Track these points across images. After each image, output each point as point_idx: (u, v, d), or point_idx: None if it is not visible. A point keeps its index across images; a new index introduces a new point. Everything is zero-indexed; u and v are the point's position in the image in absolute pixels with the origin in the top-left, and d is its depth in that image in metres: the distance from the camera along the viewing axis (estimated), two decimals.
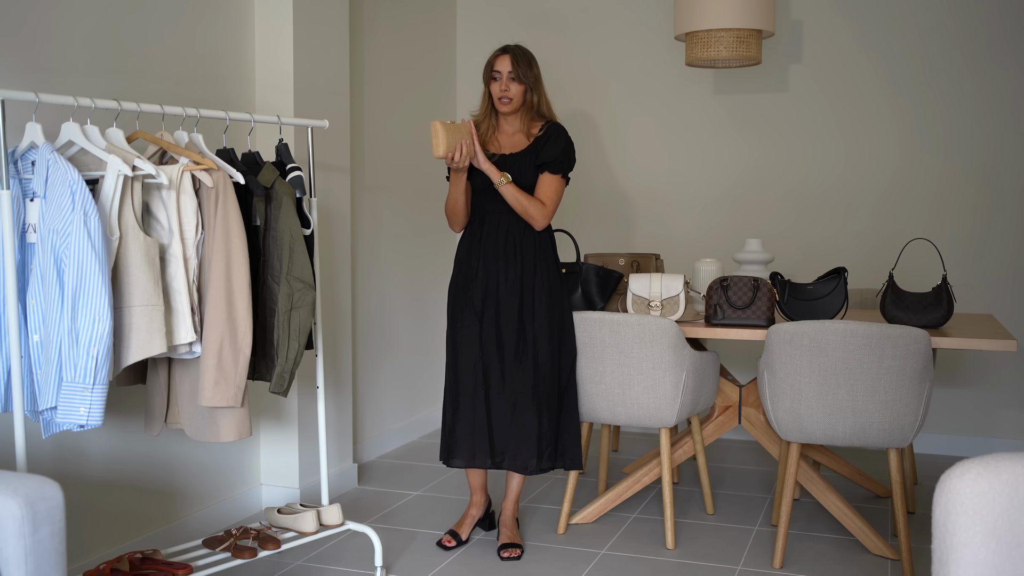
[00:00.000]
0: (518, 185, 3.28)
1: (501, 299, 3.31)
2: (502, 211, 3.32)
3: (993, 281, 4.57)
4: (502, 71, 3.27)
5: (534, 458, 3.31)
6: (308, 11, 3.81)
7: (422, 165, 4.92)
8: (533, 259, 3.32)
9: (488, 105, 3.36)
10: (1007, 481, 1.78)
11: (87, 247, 2.39)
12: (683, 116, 5.02)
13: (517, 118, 3.35)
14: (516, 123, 3.35)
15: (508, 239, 3.32)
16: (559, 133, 3.34)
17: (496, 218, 3.33)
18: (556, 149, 3.30)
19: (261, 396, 3.74)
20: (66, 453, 2.97)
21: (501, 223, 3.33)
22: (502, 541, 3.39)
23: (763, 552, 3.41)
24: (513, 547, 3.36)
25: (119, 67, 3.14)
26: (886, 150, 4.71)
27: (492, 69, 3.29)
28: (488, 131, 3.36)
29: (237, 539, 2.93)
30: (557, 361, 3.35)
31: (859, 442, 3.21)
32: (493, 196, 3.31)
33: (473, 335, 3.33)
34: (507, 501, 3.48)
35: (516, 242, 3.32)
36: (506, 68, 3.27)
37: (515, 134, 3.36)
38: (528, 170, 3.30)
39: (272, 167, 2.93)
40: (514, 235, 3.32)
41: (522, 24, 5.22)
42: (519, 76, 3.27)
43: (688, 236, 5.02)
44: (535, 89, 3.32)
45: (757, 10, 4.06)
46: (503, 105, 3.28)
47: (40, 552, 2.00)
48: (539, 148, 3.31)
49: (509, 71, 3.27)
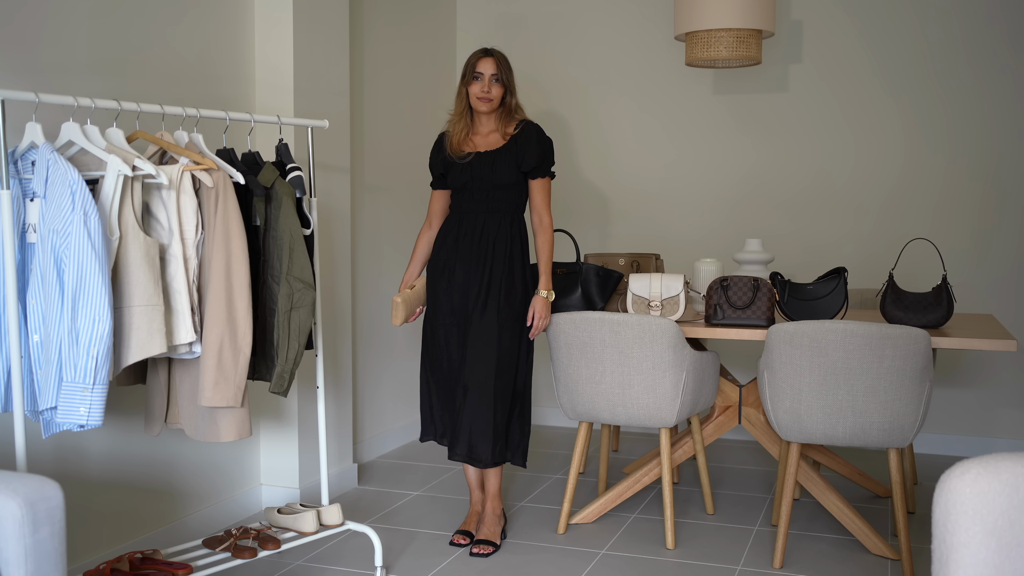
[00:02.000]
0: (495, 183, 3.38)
1: (470, 295, 3.36)
2: (477, 211, 3.41)
3: (993, 281, 4.57)
4: (485, 72, 3.37)
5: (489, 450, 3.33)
6: (308, 11, 3.82)
7: (422, 165, 4.91)
8: (505, 257, 3.38)
9: (465, 104, 3.43)
10: (1007, 481, 1.78)
11: (87, 247, 2.39)
12: (683, 116, 5.02)
13: (492, 118, 3.44)
14: (492, 123, 3.44)
15: (483, 238, 3.38)
16: (535, 132, 3.42)
17: (472, 218, 3.42)
18: (537, 152, 3.39)
19: (261, 396, 3.73)
20: (66, 453, 2.97)
21: (477, 223, 3.40)
22: (477, 536, 3.43)
23: (763, 552, 3.41)
24: (484, 544, 3.39)
25: (119, 67, 3.14)
26: (886, 150, 4.71)
27: (474, 70, 3.39)
28: (463, 131, 3.44)
29: (237, 539, 2.93)
30: (515, 356, 3.39)
31: (859, 442, 3.21)
32: (470, 196, 3.41)
33: (445, 331, 3.41)
34: (486, 497, 3.53)
35: (491, 240, 3.38)
36: (489, 71, 3.37)
37: (490, 134, 3.45)
38: (504, 167, 3.38)
39: (272, 167, 2.93)
40: (489, 234, 3.39)
41: (522, 24, 5.22)
42: (501, 78, 3.38)
43: (688, 236, 5.02)
44: (513, 93, 3.43)
45: (757, 10, 4.06)
46: (483, 104, 3.37)
47: (40, 552, 2.00)
48: (517, 147, 3.38)
49: (493, 73, 3.37)
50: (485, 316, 3.34)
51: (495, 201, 3.40)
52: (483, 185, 3.38)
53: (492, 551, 3.38)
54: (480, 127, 3.46)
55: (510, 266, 3.39)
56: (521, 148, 3.38)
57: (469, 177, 3.39)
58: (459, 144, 3.43)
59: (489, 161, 3.38)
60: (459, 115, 3.45)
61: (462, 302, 3.38)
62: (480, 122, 3.45)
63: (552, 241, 3.44)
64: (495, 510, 3.50)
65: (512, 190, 3.41)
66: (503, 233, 3.39)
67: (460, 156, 3.41)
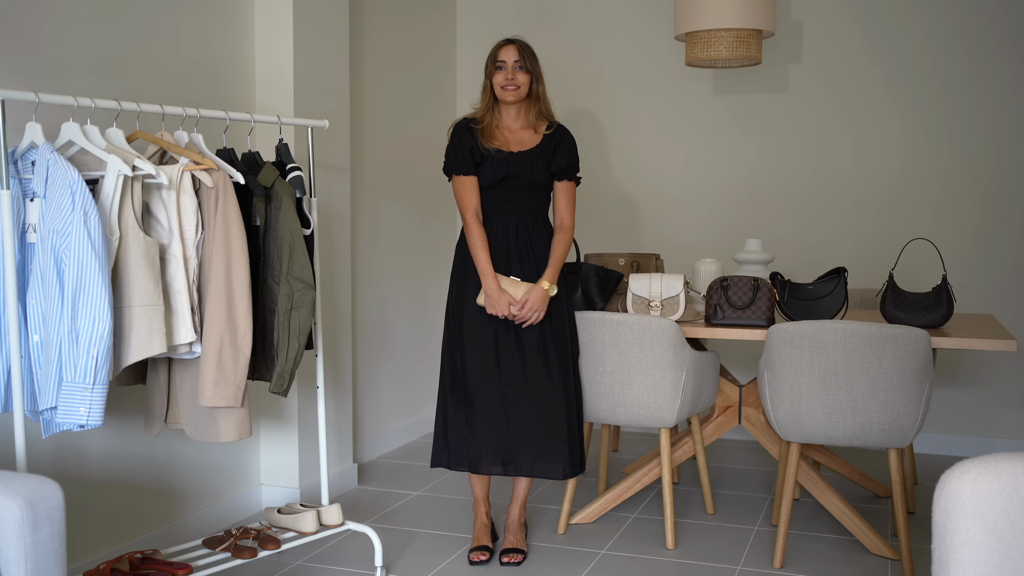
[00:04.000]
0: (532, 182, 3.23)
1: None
2: (508, 210, 3.27)
3: (993, 281, 4.57)
4: (507, 60, 3.23)
5: (564, 463, 3.24)
6: (308, 11, 3.82)
7: (422, 165, 4.92)
8: (545, 258, 3.28)
9: (490, 98, 3.28)
10: (1007, 481, 1.78)
11: (87, 247, 2.39)
12: (683, 116, 5.02)
13: (521, 111, 3.29)
14: (521, 117, 3.30)
15: (519, 238, 3.26)
16: (568, 136, 3.34)
17: (503, 218, 3.27)
18: (568, 156, 3.29)
19: (261, 396, 3.74)
20: (66, 453, 2.97)
21: (509, 223, 3.26)
22: (505, 546, 3.35)
23: (763, 552, 3.41)
24: (515, 552, 3.32)
25: (119, 67, 3.14)
26: (886, 150, 4.71)
27: (496, 60, 3.24)
28: (491, 125, 3.27)
29: (237, 539, 2.93)
30: (570, 362, 3.32)
31: (859, 442, 3.21)
32: (502, 194, 3.26)
33: (488, 339, 3.24)
34: (513, 505, 3.43)
35: (526, 241, 3.26)
36: (512, 58, 3.23)
37: (520, 130, 3.30)
38: (541, 167, 3.25)
39: (272, 167, 2.93)
40: (524, 234, 3.27)
41: (522, 24, 5.22)
42: (525, 66, 3.23)
43: (688, 236, 5.02)
44: (540, 81, 3.28)
45: (757, 10, 4.06)
46: (508, 93, 3.22)
47: (40, 552, 2.00)
48: (551, 149, 3.27)
49: (516, 60, 3.22)
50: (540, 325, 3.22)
51: (526, 201, 3.27)
52: (518, 184, 3.23)
53: (522, 559, 3.31)
54: (508, 120, 3.28)
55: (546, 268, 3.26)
56: (555, 149, 3.26)
57: (506, 174, 3.22)
58: (487, 140, 3.24)
59: (527, 160, 3.23)
60: (486, 109, 3.27)
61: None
62: (509, 114, 3.28)
63: (570, 243, 3.29)
64: (521, 517, 3.43)
65: (543, 191, 3.29)
66: (538, 234, 3.27)
67: (489, 150, 3.24)
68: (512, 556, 3.30)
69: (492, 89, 3.26)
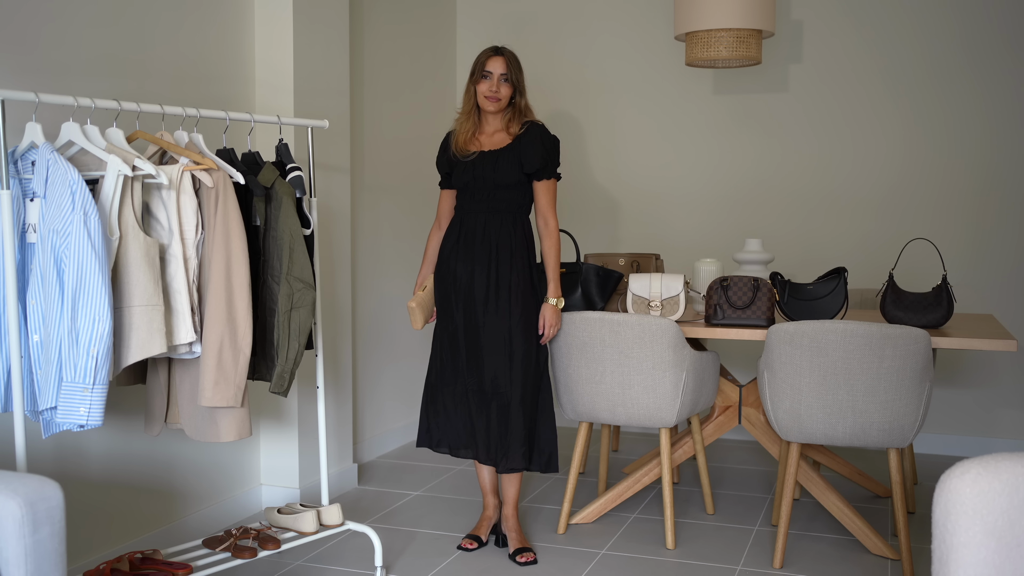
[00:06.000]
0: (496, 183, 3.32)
1: (478, 299, 3.30)
2: (478, 210, 3.35)
3: (993, 281, 4.57)
4: (494, 72, 3.30)
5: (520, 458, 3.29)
6: (308, 11, 3.82)
7: (422, 165, 4.91)
8: (509, 259, 3.32)
9: (472, 103, 3.37)
10: (1007, 481, 1.78)
11: (87, 247, 2.39)
12: (683, 116, 5.02)
13: (500, 118, 3.37)
14: (498, 123, 3.38)
15: (485, 238, 3.32)
16: (540, 133, 3.35)
17: (474, 218, 3.35)
18: (540, 154, 3.31)
19: (261, 396, 3.73)
20: (66, 453, 2.97)
21: (478, 223, 3.34)
22: (514, 547, 3.37)
23: (763, 552, 3.41)
24: (526, 551, 3.34)
25: (119, 67, 3.14)
26: (886, 150, 4.71)
27: (483, 68, 3.32)
28: (470, 130, 3.38)
29: (237, 539, 2.93)
30: (534, 359, 3.33)
31: (859, 442, 3.21)
32: (472, 195, 3.36)
33: (454, 336, 3.36)
34: (507, 506, 3.45)
35: (493, 242, 3.32)
36: (499, 70, 3.30)
37: (496, 133, 3.38)
38: (507, 166, 3.32)
39: (272, 167, 2.93)
40: (491, 235, 3.33)
41: (521, 23, 5.22)
42: (511, 79, 3.31)
43: (688, 236, 5.02)
44: (523, 93, 3.37)
45: (757, 10, 4.06)
46: (490, 103, 3.30)
47: (40, 552, 2.00)
48: (520, 147, 3.31)
49: (502, 72, 3.30)
50: (497, 321, 3.29)
51: (497, 201, 3.34)
52: (485, 185, 3.32)
53: (535, 557, 3.34)
54: (487, 127, 3.39)
55: (516, 268, 3.32)
56: (524, 148, 3.31)
57: (471, 177, 3.33)
58: (465, 143, 3.36)
59: (492, 160, 3.32)
60: (466, 114, 3.38)
61: (469, 305, 3.31)
62: (487, 121, 3.38)
63: (558, 246, 3.36)
64: (517, 515, 3.45)
65: (514, 190, 3.35)
66: (505, 233, 3.32)
67: (465, 155, 3.36)
68: (526, 555, 3.33)
69: (475, 95, 3.35)
